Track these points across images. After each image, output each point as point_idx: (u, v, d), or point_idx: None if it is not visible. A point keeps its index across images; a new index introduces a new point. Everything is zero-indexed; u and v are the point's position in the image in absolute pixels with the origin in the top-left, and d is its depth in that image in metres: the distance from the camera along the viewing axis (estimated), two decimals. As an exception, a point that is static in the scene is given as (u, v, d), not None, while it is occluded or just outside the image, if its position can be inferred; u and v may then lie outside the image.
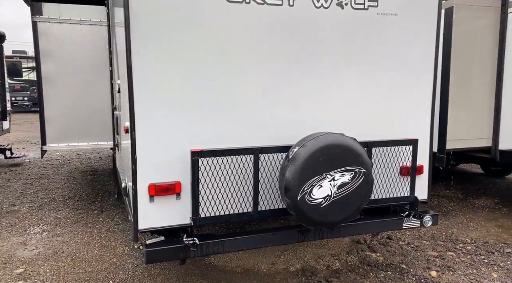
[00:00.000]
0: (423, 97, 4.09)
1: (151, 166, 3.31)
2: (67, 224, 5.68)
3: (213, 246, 3.43)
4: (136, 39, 3.12)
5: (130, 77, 3.16)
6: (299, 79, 3.62)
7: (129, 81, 3.17)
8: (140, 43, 3.14)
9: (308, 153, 3.18)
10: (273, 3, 3.48)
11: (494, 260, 4.64)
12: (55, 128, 5.60)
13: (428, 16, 3.99)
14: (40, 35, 5.37)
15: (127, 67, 3.15)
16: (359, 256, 4.65)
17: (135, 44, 3.13)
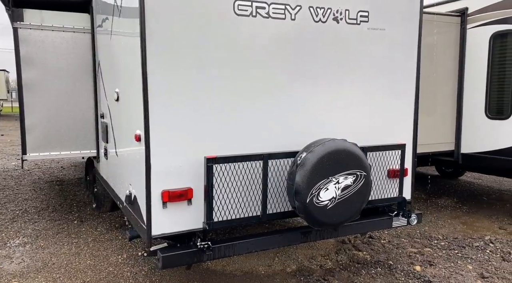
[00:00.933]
0: (408, 105, 4.45)
1: (164, 173, 3.39)
2: (48, 235, 5.52)
3: (224, 249, 3.54)
4: (151, 51, 3.21)
5: (146, 88, 3.24)
6: (299, 88, 3.85)
7: (144, 91, 3.25)
8: (154, 54, 3.24)
9: (315, 158, 3.39)
10: (277, 17, 3.69)
11: (467, 254, 5.08)
12: (36, 136, 5.44)
13: (411, 31, 4.36)
14: (21, 42, 5.22)
15: (142, 78, 3.24)
16: (347, 255, 4.92)
17: (150, 55, 3.22)
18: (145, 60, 3.22)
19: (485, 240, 5.55)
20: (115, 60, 4.29)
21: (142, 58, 3.22)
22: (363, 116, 4.19)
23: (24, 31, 5.21)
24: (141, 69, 3.24)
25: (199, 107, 3.46)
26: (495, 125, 6.29)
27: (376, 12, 4.12)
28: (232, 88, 3.57)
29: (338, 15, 3.95)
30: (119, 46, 4.03)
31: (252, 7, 3.58)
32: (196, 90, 3.44)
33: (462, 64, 6.63)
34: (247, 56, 3.61)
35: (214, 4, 3.44)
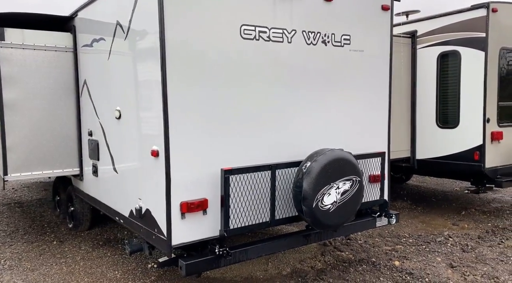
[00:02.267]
0: (383, 116, 5.00)
1: (182, 185, 3.62)
2: (31, 257, 5.39)
3: (239, 254, 3.81)
4: (170, 75, 3.48)
5: (166, 107, 3.48)
6: (294, 103, 4.25)
7: (164, 110, 3.49)
8: (173, 77, 3.51)
9: (319, 167, 3.79)
10: (276, 40, 4.08)
11: (433, 248, 5.70)
12: (18, 156, 5.30)
13: (383, 51, 4.94)
14: (2, 61, 5.11)
15: (162, 98, 3.48)
16: (332, 256, 5.34)
17: (170, 78, 3.47)
18: (165, 82, 3.46)
19: (444, 235, 6.24)
20: (116, 80, 4.42)
21: (163, 81, 3.46)
22: (347, 127, 4.66)
23: (5, 50, 5.14)
24: (161, 91, 3.47)
25: (212, 123, 3.74)
26: (445, 133, 7.10)
27: (356, 36, 4.64)
28: (241, 105, 3.89)
29: (326, 38, 4.42)
30: (125, 66, 4.18)
31: (256, 31, 3.94)
32: (209, 108, 3.71)
33: (414, 80, 7.42)
34: (252, 75, 3.95)
35: (224, 30, 3.75)
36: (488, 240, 6.04)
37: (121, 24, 4.17)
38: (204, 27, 3.65)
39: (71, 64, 5.59)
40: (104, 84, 4.78)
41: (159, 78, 3.49)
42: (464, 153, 6.83)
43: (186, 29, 3.56)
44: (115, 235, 6.30)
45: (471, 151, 6.73)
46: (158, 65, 3.48)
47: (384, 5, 4.88)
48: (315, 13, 4.32)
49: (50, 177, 7.05)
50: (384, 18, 4.92)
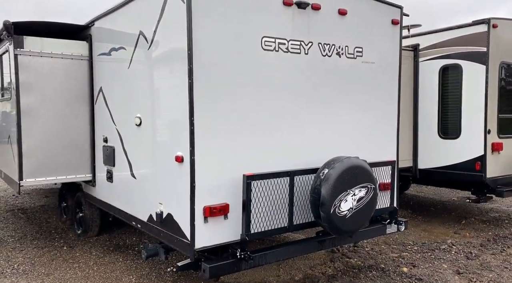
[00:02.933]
0: (392, 127, 5.17)
1: (206, 190, 3.74)
2: (44, 262, 5.43)
3: (259, 258, 3.91)
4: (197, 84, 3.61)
5: (192, 115, 3.61)
6: (311, 112, 4.40)
7: (190, 118, 3.62)
8: (199, 87, 3.64)
9: (337, 174, 3.92)
10: (294, 52, 4.24)
11: (438, 255, 5.85)
12: (33, 162, 5.36)
13: (393, 63, 5.12)
14: (21, 68, 5.20)
15: (189, 107, 3.61)
16: (342, 262, 5.46)
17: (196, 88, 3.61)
18: (191, 92, 3.59)
19: (448, 243, 6.39)
20: (138, 88, 4.53)
21: (190, 90, 3.59)
22: (359, 136, 4.82)
23: (24, 57, 5.24)
24: (188, 99, 3.60)
25: (233, 130, 3.87)
26: (446, 144, 7.29)
27: (368, 48, 4.82)
28: (260, 113, 4.03)
29: (340, 50, 4.59)
30: (149, 75, 4.30)
31: (275, 43, 4.10)
32: (231, 115, 3.85)
33: (416, 91, 7.62)
34: (272, 85, 4.10)
35: (247, 41, 3.91)
36: (490, 248, 6.20)
37: (144, 34, 4.30)
38: (228, 38, 3.80)
39: (86, 72, 5.69)
40: (123, 92, 4.89)
41: (186, 87, 3.61)
42: (465, 163, 7.02)
43: (212, 40, 3.70)
44: (124, 241, 6.36)
45: (473, 161, 6.92)
46: (185, 75, 3.61)
47: (394, 19, 5.07)
48: (330, 26, 4.49)
49: (56, 183, 7.13)
50: (394, 32, 5.11)
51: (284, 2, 4.13)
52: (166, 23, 3.93)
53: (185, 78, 3.62)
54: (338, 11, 4.52)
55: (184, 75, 3.63)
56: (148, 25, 4.19)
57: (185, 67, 3.62)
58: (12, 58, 5.25)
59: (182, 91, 3.67)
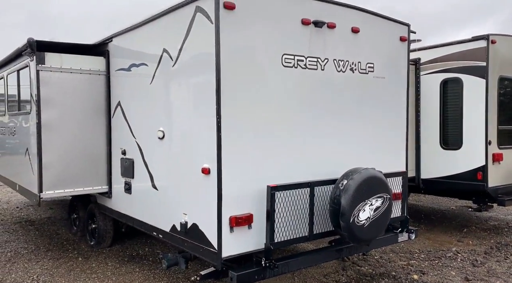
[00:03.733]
0: (401, 138, 5.38)
1: (231, 201, 3.90)
2: (62, 273, 5.52)
3: (282, 267, 4.06)
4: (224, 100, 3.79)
5: (219, 129, 3.79)
6: (328, 124, 4.61)
7: (218, 132, 3.80)
8: (226, 102, 3.82)
9: (356, 184, 4.11)
10: (312, 68, 4.45)
11: (445, 263, 6.04)
12: (52, 174, 5.47)
13: (401, 78, 5.36)
14: (42, 84, 5.34)
15: (216, 121, 3.79)
16: (354, 270, 5.62)
17: (223, 104, 3.79)
18: (219, 106, 3.78)
19: (453, 251, 6.59)
20: (161, 102, 4.69)
21: (217, 105, 3.78)
22: (372, 147, 5.02)
23: (45, 73, 5.39)
24: (215, 114, 3.78)
25: (257, 142, 4.05)
26: (448, 154, 7.53)
27: (379, 64, 5.05)
28: (281, 126, 4.22)
29: (353, 66, 4.81)
30: (173, 91, 4.47)
31: (294, 60, 4.31)
32: (255, 129, 4.04)
33: (418, 104, 7.88)
34: (291, 99, 4.30)
35: (269, 58, 4.11)
36: (494, 255, 6.41)
37: (168, 52, 4.48)
38: (252, 56, 4.00)
39: (103, 86, 5.85)
40: (144, 106, 5.05)
41: (214, 102, 3.80)
42: (467, 173, 7.25)
43: (237, 58, 3.89)
44: (137, 252, 6.46)
45: (474, 171, 7.16)
46: (213, 91, 3.79)
47: (402, 36, 5.32)
48: (344, 43, 4.72)
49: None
50: (402, 48, 5.36)
51: (303, 21, 4.35)
52: (192, 42, 4.12)
53: (213, 93, 3.80)
54: (351, 29, 4.75)
55: (212, 91, 3.81)
56: (173, 43, 4.38)
57: (213, 84, 3.80)
58: (33, 74, 5.40)
59: (210, 106, 3.85)
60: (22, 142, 6.33)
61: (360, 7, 4.89)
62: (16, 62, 6.37)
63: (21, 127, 6.37)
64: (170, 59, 4.48)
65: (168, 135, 4.61)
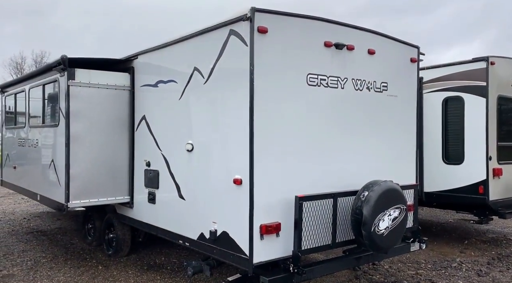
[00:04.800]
0: (411, 153, 5.72)
1: (262, 210, 4.18)
2: (86, 281, 5.70)
3: (308, 272, 4.32)
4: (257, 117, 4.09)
5: (252, 143, 4.09)
6: (347, 139, 4.93)
7: (250, 146, 4.09)
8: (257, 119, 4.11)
9: (376, 196, 4.41)
10: (333, 86, 4.79)
11: (452, 273, 6.34)
12: (78, 185, 5.69)
13: (411, 96, 5.71)
14: (72, 98, 5.59)
15: (249, 136, 4.10)
16: (366, 279, 5.89)
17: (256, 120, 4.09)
18: (252, 122, 4.08)
19: (457, 261, 6.89)
20: (191, 117, 4.98)
21: (250, 121, 4.08)
22: (385, 161, 5.34)
23: (75, 88, 5.65)
24: (249, 129, 4.08)
25: (284, 155, 4.35)
26: (450, 169, 7.89)
27: (392, 83, 5.40)
28: (307, 140, 4.54)
29: (369, 85, 5.15)
30: (205, 107, 4.75)
31: (318, 79, 4.64)
32: (283, 142, 4.34)
33: (421, 120, 8.25)
34: (315, 115, 4.62)
35: (296, 77, 4.44)
36: (497, 266, 6.73)
37: (199, 70, 4.78)
38: (280, 75, 4.32)
39: (127, 101, 6.12)
40: (172, 120, 5.32)
41: (247, 118, 4.09)
42: (469, 187, 7.61)
43: (267, 77, 4.21)
44: (154, 261, 6.66)
45: (476, 185, 7.52)
46: (247, 107, 4.09)
47: (412, 58, 5.70)
48: (362, 64, 5.06)
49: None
50: (412, 69, 5.73)
51: (325, 44, 4.69)
52: (226, 62, 4.43)
53: (247, 109, 4.10)
54: (368, 51, 5.11)
55: (246, 107, 4.11)
56: (205, 62, 4.68)
57: (247, 101, 4.10)
58: (64, 88, 5.65)
59: (244, 121, 4.14)
60: (46, 154, 6.54)
61: (376, 31, 5.26)
62: (42, 77, 6.61)
63: (46, 140, 6.59)
64: (201, 77, 4.77)
65: (197, 147, 4.88)
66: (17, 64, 48.75)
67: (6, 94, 8.84)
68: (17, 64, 48.69)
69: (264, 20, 4.15)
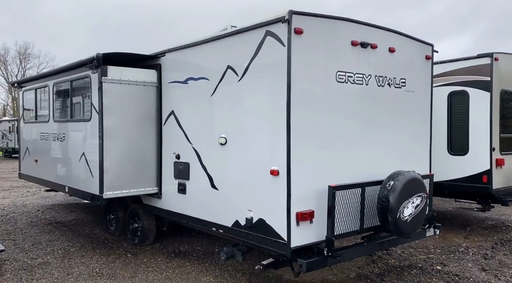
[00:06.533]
0: (426, 144, 6.10)
1: (297, 198, 4.52)
2: (120, 267, 5.99)
3: (341, 255, 4.67)
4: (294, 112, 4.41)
5: (289, 136, 4.41)
6: (372, 132, 5.27)
7: (287, 138, 4.41)
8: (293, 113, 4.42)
9: (401, 185, 4.77)
10: (358, 83, 5.12)
11: (460, 256, 6.77)
12: (111, 177, 5.96)
13: (426, 92, 6.08)
14: (104, 94, 5.83)
15: (286, 128, 4.40)
16: (383, 263, 6.29)
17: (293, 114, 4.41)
18: (289, 117, 4.40)
19: (463, 246, 7.33)
20: (224, 112, 5.27)
21: (287, 115, 4.40)
22: (404, 152, 5.71)
23: (107, 84, 5.89)
24: (285, 123, 4.40)
25: (317, 147, 4.68)
26: (455, 160, 8.31)
27: (409, 79, 5.75)
28: (336, 133, 4.88)
29: (390, 81, 5.50)
30: (241, 103, 5.05)
31: (346, 76, 4.96)
32: (315, 135, 4.67)
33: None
34: (344, 110, 4.95)
35: (326, 75, 4.76)
36: (500, 250, 7.18)
37: (233, 68, 5.07)
38: (313, 72, 4.64)
39: (155, 97, 6.38)
40: (203, 115, 5.60)
41: (284, 113, 4.41)
42: (473, 177, 8.04)
43: (302, 74, 4.52)
44: (179, 249, 6.97)
45: (480, 175, 7.95)
46: (284, 103, 4.41)
47: (427, 55, 6.05)
48: (384, 62, 5.40)
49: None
50: (427, 65, 6.08)
51: (352, 43, 5.01)
52: (262, 60, 4.72)
53: (284, 105, 4.42)
54: (389, 49, 5.44)
55: (283, 103, 4.43)
56: (239, 61, 4.98)
57: (284, 97, 4.42)
58: (96, 85, 5.90)
59: (281, 116, 4.46)
60: (75, 148, 6.78)
61: (395, 30, 5.59)
62: (69, 73, 6.83)
63: (75, 134, 6.82)
64: (235, 75, 5.07)
65: (231, 141, 5.18)
66: (0, 55, 47.41)
67: (24, 90, 9.01)
68: (0, 56, 47.30)
69: (300, 22, 4.45)
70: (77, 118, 6.80)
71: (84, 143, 6.52)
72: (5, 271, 5.87)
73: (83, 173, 6.50)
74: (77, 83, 6.70)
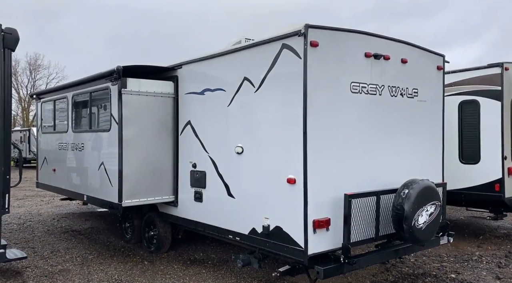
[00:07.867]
0: (438, 153, 6.19)
1: (314, 206, 4.63)
2: (138, 274, 6.11)
3: (357, 263, 4.76)
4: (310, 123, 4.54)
5: (305, 145, 4.54)
6: (385, 141, 5.39)
7: (304, 148, 4.55)
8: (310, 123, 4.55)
9: (416, 193, 4.87)
10: (372, 93, 5.24)
11: (474, 265, 6.80)
12: (130, 186, 6.12)
13: (438, 101, 6.18)
14: (124, 105, 6.03)
15: (303, 139, 4.54)
16: (397, 271, 6.34)
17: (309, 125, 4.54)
18: (305, 126, 4.54)
19: (477, 255, 7.36)
20: (240, 123, 5.42)
21: (304, 126, 4.54)
22: (418, 161, 5.80)
23: (127, 96, 6.08)
24: (302, 133, 4.55)
25: (332, 156, 4.80)
26: (467, 168, 8.37)
27: (421, 89, 5.87)
28: (351, 143, 4.99)
29: (403, 91, 5.61)
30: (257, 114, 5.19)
31: (359, 87, 5.09)
32: (331, 144, 4.79)
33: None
34: (358, 120, 5.07)
35: (341, 86, 4.89)
36: (514, 258, 7.20)
37: (250, 79, 5.23)
38: (328, 84, 4.78)
39: (171, 107, 6.55)
40: (220, 125, 5.75)
41: (301, 123, 4.56)
42: (485, 185, 8.09)
43: (319, 86, 4.66)
44: (194, 257, 7.08)
45: (492, 184, 7.99)
46: (300, 114, 4.56)
47: (439, 65, 6.17)
48: (396, 72, 5.52)
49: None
50: (438, 76, 6.20)
51: (366, 54, 5.14)
52: (278, 72, 4.88)
53: (300, 115, 4.56)
54: (401, 60, 5.56)
55: (299, 113, 4.57)
56: (256, 73, 5.13)
57: (300, 106, 4.56)
58: (116, 96, 6.08)
59: (297, 125, 4.60)
60: (94, 157, 6.96)
61: (407, 41, 5.72)
62: (89, 85, 7.04)
63: (94, 143, 7.00)
64: (251, 86, 5.22)
65: (248, 150, 5.32)
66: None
67: (43, 101, 9.25)
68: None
69: (315, 35, 4.61)
70: (96, 128, 6.99)
71: (103, 152, 6.69)
72: (28, 277, 6.01)
73: (102, 182, 6.66)
74: (96, 94, 6.90)
